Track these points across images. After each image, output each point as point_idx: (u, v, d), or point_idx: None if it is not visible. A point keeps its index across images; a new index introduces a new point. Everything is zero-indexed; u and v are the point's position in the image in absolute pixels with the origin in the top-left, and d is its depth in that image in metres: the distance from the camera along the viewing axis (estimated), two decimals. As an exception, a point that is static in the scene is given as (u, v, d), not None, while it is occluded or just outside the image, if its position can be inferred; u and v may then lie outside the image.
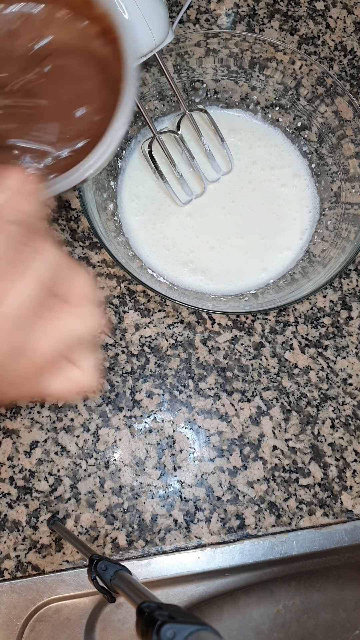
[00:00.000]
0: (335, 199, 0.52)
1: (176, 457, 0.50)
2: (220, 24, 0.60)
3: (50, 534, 0.48)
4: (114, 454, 0.50)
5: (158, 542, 0.48)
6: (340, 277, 0.55)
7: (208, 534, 0.49)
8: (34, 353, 0.24)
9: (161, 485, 0.49)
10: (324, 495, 0.50)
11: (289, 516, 0.49)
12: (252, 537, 0.49)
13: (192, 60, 0.52)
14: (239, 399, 0.51)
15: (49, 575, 0.47)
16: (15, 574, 0.47)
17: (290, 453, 0.51)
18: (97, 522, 0.48)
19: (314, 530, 0.50)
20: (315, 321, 0.54)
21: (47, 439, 0.49)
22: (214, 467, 0.50)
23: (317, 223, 0.53)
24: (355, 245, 0.47)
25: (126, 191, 0.54)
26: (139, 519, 0.49)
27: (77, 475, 0.49)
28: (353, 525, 0.50)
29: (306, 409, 0.52)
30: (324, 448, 0.51)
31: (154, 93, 0.53)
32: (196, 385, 0.52)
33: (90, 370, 0.27)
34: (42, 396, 0.27)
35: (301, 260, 0.53)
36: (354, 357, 0.53)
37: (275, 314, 0.54)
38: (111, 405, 0.51)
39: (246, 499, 0.49)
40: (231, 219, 0.53)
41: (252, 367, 0.52)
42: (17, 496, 0.48)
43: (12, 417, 0.50)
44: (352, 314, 0.54)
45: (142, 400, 0.51)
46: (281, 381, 0.52)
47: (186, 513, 0.49)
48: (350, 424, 0.52)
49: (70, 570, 0.47)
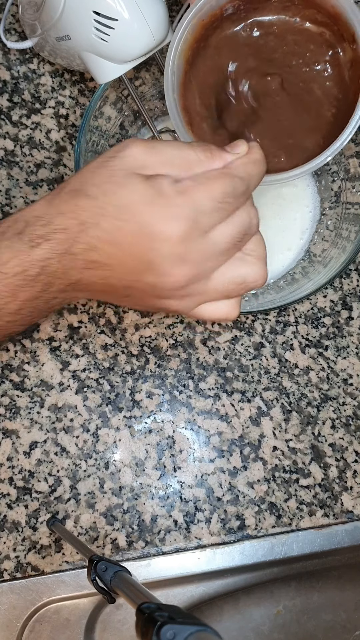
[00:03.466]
0: (336, 198, 0.52)
1: (176, 458, 0.50)
2: (220, 24, 0.60)
3: (50, 534, 0.48)
4: (114, 454, 0.50)
5: (158, 543, 0.48)
6: (340, 277, 0.55)
7: (208, 534, 0.48)
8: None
9: (161, 486, 0.49)
10: (324, 496, 0.50)
11: (289, 517, 0.49)
12: (252, 538, 0.49)
13: (192, 59, 0.52)
14: (239, 400, 0.51)
15: (49, 576, 0.47)
16: (15, 574, 0.47)
17: (290, 453, 0.51)
18: (96, 523, 0.48)
19: (314, 530, 0.49)
20: (316, 321, 0.54)
21: (46, 439, 0.49)
22: (214, 468, 0.50)
23: (318, 223, 0.53)
24: (355, 245, 0.46)
25: (126, 191, 0.54)
26: (138, 520, 0.48)
27: (76, 475, 0.49)
28: (353, 526, 0.50)
29: (306, 409, 0.52)
30: (324, 448, 0.51)
31: (153, 92, 0.53)
32: (196, 386, 0.51)
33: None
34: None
35: (301, 260, 0.52)
36: (355, 358, 0.53)
37: (275, 314, 0.54)
38: (111, 406, 0.50)
39: (246, 500, 0.49)
40: (231, 218, 0.53)
41: (252, 368, 0.52)
42: (16, 497, 0.48)
43: (11, 417, 0.49)
44: (352, 314, 0.54)
45: (142, 400, 0.51)
46: (281, 381, 0.52)
47: (186, 514, 0.49)
48: (350, 425, 0.52)
49: (70, 571, 0.47)
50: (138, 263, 0.30)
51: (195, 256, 0.30)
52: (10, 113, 0.55)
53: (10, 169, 0.54)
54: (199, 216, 0.29)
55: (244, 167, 0.32)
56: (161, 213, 0.29)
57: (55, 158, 0.55)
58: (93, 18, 0.42)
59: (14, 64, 0.56)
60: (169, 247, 0.29)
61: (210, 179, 0.30)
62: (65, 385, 0.50)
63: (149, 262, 0.30)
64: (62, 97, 0.56)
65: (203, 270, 0.31)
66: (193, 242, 0.30)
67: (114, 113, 0.50)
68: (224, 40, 0.42)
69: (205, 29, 0.41)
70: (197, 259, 0.30)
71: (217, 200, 0.30)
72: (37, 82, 0.55)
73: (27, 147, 0.54)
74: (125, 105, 0.51)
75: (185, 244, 0.30)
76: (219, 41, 0.42)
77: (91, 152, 0.48)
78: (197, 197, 0.29)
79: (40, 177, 0.54)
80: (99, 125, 0.49)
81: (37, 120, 0.55)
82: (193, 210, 0.29)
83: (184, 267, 0.30)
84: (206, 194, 0.30)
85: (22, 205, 0.53)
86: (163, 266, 0.30)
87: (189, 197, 0.29)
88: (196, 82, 0.42)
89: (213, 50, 0.42)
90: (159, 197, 0.29)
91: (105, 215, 0.29)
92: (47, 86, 0.56)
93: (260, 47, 0.41)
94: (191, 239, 0.30)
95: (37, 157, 0.54)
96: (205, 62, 0.42)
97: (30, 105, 0.55)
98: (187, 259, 0.30)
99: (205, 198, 0.30)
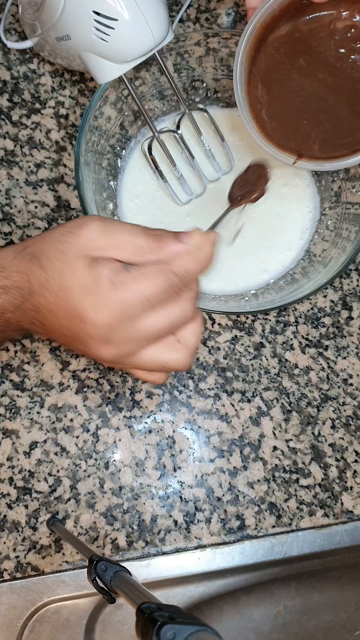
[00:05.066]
0: (336, 198, 0.52)
1: (176, 458, 0.50)
2: (220, 23, 0.60)
3: (50, 534, 0.48)
4: (114, 454, 0.50)
5: (158, 543, 0.48)
6: (340, 277, 0.55)
7: (208, 534, 0.48)
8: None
9: (161, 486, 0.49)
10: (324, 496, 0.50)
11: (289, 517, 0.49)
12: (252, 538, 0.49)
13: (192, 59, 0.52)
14: (239, 400, 0.51)
15: (49, 576, 0.47)
16: (15, 574, 0.47)
17: (290, 453, 0.51)
18: (96, 523, 0.48)
19: (314, 530, 0.49)
20: (316, 321, 0.54)
21: (46, 439, 0.49)
22: (214, 468, 0.50)
23: (318, 223, 0.53)
24: (355, 245, 0.46)
25: (126, 191, 0.54)
26: (138, 520, 0.48)
27: (76, 475, 0.49)
28: (353, 526, 0.50)
29: (306, 409, 0.52)
30: (324, 448, 0.51)
31: (153, 92, 0.53)
32: (196, 386, 0.51)
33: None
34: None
35: (302, 260, 0.52)
36: (355, 357, 0.53)
37: (275, 314, 0.54)
38: (111, 406, 0.50)
39: (246, 500, 0.49)
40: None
41: (253, 368, 0.52)
42: (16, 497, 0.48)
43: (11, 417, 0.49)
44: (352, 314, 0.54)
45: (142, 400, 0.51)
46: (281, 381, 0.52)
47: (186, 514, 0.49)
48: (350, 425, 0.52)
49: (70, 571, 0.47)
50: (70, 333, 0.34)
51: (120, 340, 0.33)
52: (10, 113, 0.55)
53: (10, 169, 0.54)
54: (127, 309, 0.32)
55: (185, 264, 0.33)
56: (93, 302, 0.32)
57: (55, 158, 0.55)
58: (93, 18, 0.42)
59: (14, 64, 0.56)
60: (96, 330, 0.32)
61: (146, 275, 0.32)
62: (65, 385, 0.50)
63: (77, 336, 0.33)
64: (62, 97, 0.56)
65: (127, 351, 0.34)
66: (118, 329, 0.32)
67: (114, 113, 0.50)
68: (282, 37, 0.44)
69: (265, 29, 0.43)
70: (123, 341, 0.33)
71: (147, 297, 0.32)
72: (37, 82, 0.55)
73: (27, 147, 0.54)
74: (125, 105, 0.51)
75: (111, 331, 0.32)
76: (277, 38, 0.44)
77: (91, 152, 0.48)
78: (128, 293, 0.32)
79: (40, 177, 0.54)
80: (99, 125, 0.49)
81: (37, 120, 0.55)
82: (121, 303, 0.32)
83: (109, 347, 0.33)
84: (137, 290, 0.32)
85: (22, 205, 0.53)
86: (90, 343, 0.33)
87: (121, 292, 0.32)
88: (260, 76, 0.45)
89: (272, 45, 0.44)
90: (95, 288, 0.32)
91: (49, 289, 0.33)
92: (47, 86, 0.56)
93: (314, 44, 0.43)
94: (116, 327, 0.32)
95: (37, 157, 0.54)
96: (267, 58, 0.45)
97: (30, 105, 0.55)
98: (113, 341, 0.33)
99: (136, 294, 0.32)
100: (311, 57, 0.44)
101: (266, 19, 0.42)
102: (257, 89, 0.46)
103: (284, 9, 0.42)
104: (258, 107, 0.46)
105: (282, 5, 0.42)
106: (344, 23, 0.42)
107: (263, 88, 0.46)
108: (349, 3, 0.41)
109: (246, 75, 0.45)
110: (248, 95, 0.45)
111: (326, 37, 0.43)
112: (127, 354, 0.34)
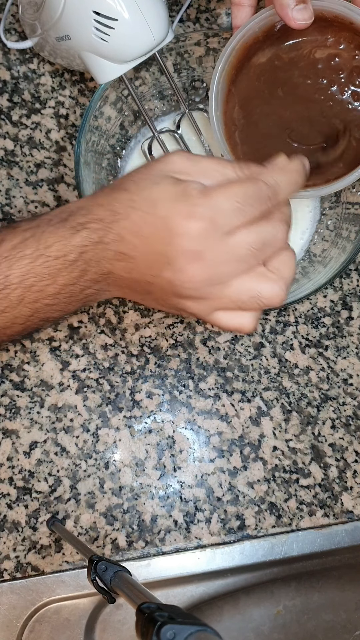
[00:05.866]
0: (336, 198, 0.52)
1: (176, 458, 0.50)
2: (220, 23, 0.60)
3: (50, 534, 0.48)
4: (114, 454, 0.50)
5: (158, 543, 0.48)
6: (340, 277, 0.55)
7: (208, 534, 0.48)
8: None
9: (161, 486, 0.49)
10: (324, 496, 0.50)
11: (289, 517, 0.49)
12: (252, 538, 0.49)
13: (192, 59, 0.52)
14: (239, 400, 0.51)
15: (49, 576, 0.47)
16: (15, 574, 0.47)
17: (290, 453, 0.51)
18: (96, 523, 0.48)
19: (314, 530, 0.49)
20: (316, 321, 0.54)
21: (46, 439, 0.49)
22: (214, 468, 0.50)
23: (318, 223, 0.53)
24: (355, 245, 0.46)
25: (126, 191, 0.54)
26: (138, 520, 0.48)
27: (76, 475, 0.49)
28: (353, 526, 0.50)
29: (306, 409, 0.52)
30: (324, 448, 0.51)
31: (153, 92, 0.53)
32: (196, 386, 0.51)
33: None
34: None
35: (301, 260, 0.52)
36: (355, 357, 0.53)
37: (275, 314, 0.54)
38: (111, 406, 0.50)
39: (246, 500, 0.49)
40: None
41: (252, 368, 0.52)
42: (16, 497, 0.48)
43: (11, 417, 0.49)
44: (352, 314, 0.54)
45: (142, 400, 0.51)
46: (281, 381, 0.52)
47: (186, 514, 0.49)
48: (350, 425, 0.52)
49: (70, 571, 0.47)
50: (158, 257, 0.32)
51: (211, 256, 0.31)
52: (10, 113, 0.55)
53: (10, 168, 0.54)
54: (218, 216, 0.31)
55: (271, 174, 0.33)
56: (182, 210, 0.31)
57: (55, 158, 0.55)
58: (93, 18, 0.42)
59: (14, 64, 0.56)
60: (186, 243, 0.31)
61: (235, 182, 0.32)
62: (65, 385, 0.50)
63: (167, 257, 0.31)
64: (62, 97, 0.56)
65: (218, 273, 0.32)
66: (210, 242, 0.31)
67: (114, 113, 0.50)
68: (263, 65, 0.43)
69: (248, 50, 0.43)
70: (213, 259, 0.31)
71: (237, 200, 0.31)
72: (37, 82, 0.56)
73: (27, 147, 0.54)
74: (125, 105, 0.51)
75: (202, 242, 0.31)
76: (259, 65, 0.43)
77: (91, 152, 0.48)
78: (217, 197, 0.31)
79: (40, 177, 0.54)
80: (99, 125, 0.49)
81: (37, 120, 0.55)
82: (212, 209, 0.30)
83: (199, 265, 0.31)
84: (227, 194, 0.31)
85: (22, 205, 0.53)
86: (179, 261, 0.31)
87: (210, 198, 0.31)
88: (239, 99, 0.44)
89: (253, 71, 0.44)
90: (183, 197, 0.31)
91: (135, 207, 0.32)
92: (47, 86, 0.56)
93: (294, 74, 0.43)
94: (208, 238, 0.31)
95: (37, 157, 0.54)
96: (248, 83, 0.44)
97: (30, 105, 0.55)
98: (203, 257, 0.31)
99: (226, 198, 0.31)
100: (289, 88, 0.42)
101: (247, 40, 0.42)
102: (234, 110, 0.44)
103: (266, 30, 0.41)
104: (232, 128, 0.45)
105: (263, 27, 0.41)
106: (327, 51, 0.41)
107: (240, 111, 0.44)
108: (336, 30, 0.40)
109: (225, 95, 0.44)
110: (224, 115, 0.44)
111: (306, 67, 0.42)
112: (217, 279, 0.32)
